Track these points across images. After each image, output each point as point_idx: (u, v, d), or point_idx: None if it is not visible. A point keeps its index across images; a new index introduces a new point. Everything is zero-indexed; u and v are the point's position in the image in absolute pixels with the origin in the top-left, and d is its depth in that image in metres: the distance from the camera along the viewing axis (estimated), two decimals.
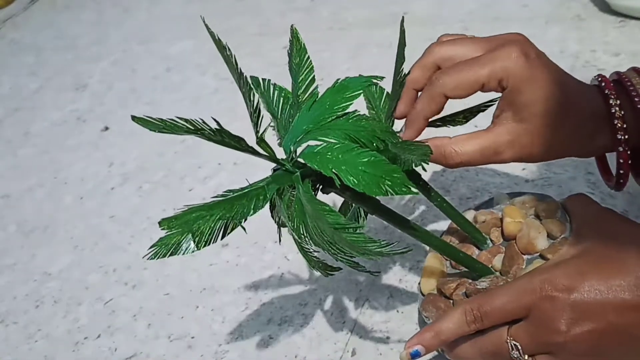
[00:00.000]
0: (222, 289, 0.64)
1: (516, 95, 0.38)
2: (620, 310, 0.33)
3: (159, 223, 0.32)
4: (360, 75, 0.40)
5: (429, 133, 0.42)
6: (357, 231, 0.31)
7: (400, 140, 0.38)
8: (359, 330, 0.55)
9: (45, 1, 1.52)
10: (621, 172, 0.41)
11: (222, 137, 0.32)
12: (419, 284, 0.44)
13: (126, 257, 0.71)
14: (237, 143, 0.33)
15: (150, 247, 0.32)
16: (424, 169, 0.39)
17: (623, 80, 0.41)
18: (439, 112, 0.40)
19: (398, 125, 0.42)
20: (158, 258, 0.32)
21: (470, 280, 0.41)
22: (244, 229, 0.34)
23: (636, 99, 0.39)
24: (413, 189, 0.31)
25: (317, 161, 0.33)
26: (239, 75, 0.35)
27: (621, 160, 0.40)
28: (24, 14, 1.49)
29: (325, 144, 0.33)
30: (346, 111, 0.35)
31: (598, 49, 0.77)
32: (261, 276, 0.63)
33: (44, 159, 0.95)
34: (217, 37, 0.34)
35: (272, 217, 0.37)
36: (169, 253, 0.32)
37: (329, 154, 0.32)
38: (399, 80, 0.41)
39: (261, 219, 0.73)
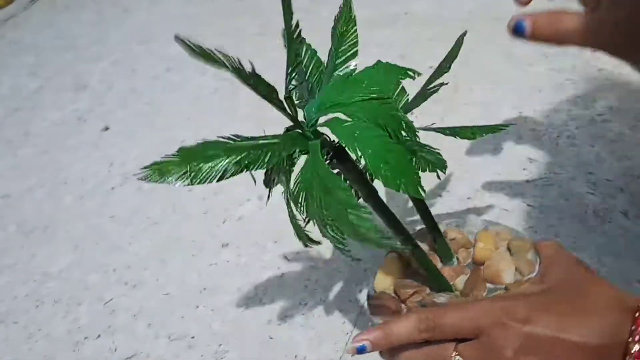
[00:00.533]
0: (222, 289, 0.64)
1: None
2: (568, 349, 0.33)
3: (178, 151, 0.31)
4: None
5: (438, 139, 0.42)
6: (366, 215, 0.31)
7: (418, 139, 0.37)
8: (359, 330, 0.55)
9: (45, 1, 1.52)
10: None
11: (257, 83, 0.32)
12: (374, 280, 0.44)
13: (126, 257, 0.71)
14: (268, 93, 0.32)
15: (144, 168, 0.32)
16: (438, 177, 0.38)
17: None
18: None
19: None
20: (148, 181, 0.31)
21: (428, 291, 0.41)
22: (254, 179, 0.34)
23: None
24: (422, 193, 0.31)
25: (345, 136, 0.32)
26: (292, 27, 0.35)
27: None
28: (24, 14, 1.49)
29: (354, 121, 0.33)
30: (379, 95, 0.34)
31: None
32: (261, 276, 0.63)
33: (44, 159, 0.95)
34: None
35: (266, 175, 0.37)
36: (160, 179, 0.31)
37: (358, 132, 0.32)
38: (432, 89, 0.40)
39: (261, 219, 0.73)
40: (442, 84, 0.41)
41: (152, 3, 1.34)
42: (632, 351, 0.32)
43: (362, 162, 0.31)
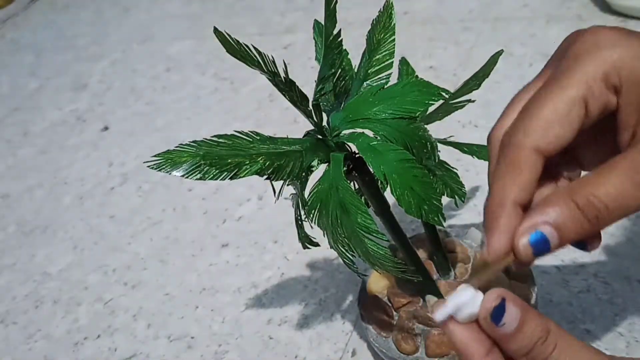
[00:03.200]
0: (222, 289, 0.64)
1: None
2: None
3: (195, 143, 0.30)
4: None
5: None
6: (383, 242, 0.30)
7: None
8: (359, 330, 0.54)
9: (45, 1, 1.52)
10: None
11: (290, 88, 0.31)
12: (367, 282, 0.43)
13: (126, 257, 0.71)
14: (299, 100, 0.32)
15: (155, 156, 0.30)
16: (456, 204, 0.37)
17: None
18: (529, 194, 0.27)
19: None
20: (160, 170, 0.30)
21: (422, 302, 0.41)
22: (273, 187, 0.33)
23: None
24: (442, 222, 0.30)
25: (372, 157, 0.31)
26: (334, 34, 0.34)
27: None
28: (24, 14, 1.49)
29: (381, 140, 0.32)
30: (410, 115, 0.33)
31: None
32: (261, 276, 0.63)
33: (43, 159, 0.95)
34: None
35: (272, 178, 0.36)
36: (171, 169, 0.30)
37: (384, 153, 0.31)
38: (453, 104, 0.39)
39: (261, 219, 0.73)
40: (469, 101, 0.38)
41: (152, 3, 1.34)
42: None
43: (390, 190, 0.31)
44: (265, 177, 0.32)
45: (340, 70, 0.36)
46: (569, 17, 0.83)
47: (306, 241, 0.35)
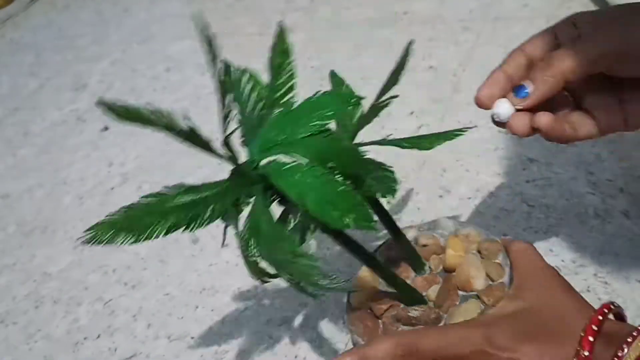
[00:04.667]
0: (222, 289, 0.64)
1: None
2: None
3: (110, 216, 0.31)
4: (346, 86, 0.38)
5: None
6: (312, 263, 0.30)
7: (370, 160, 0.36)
8: None
9: (45, 1, 1.52)
10: None
11: (191, 138, 0.31)
12: (349, 294, 0.43)
13: (126, 257, 0.71)
14: (204, 145, 0.32)
15: (88, 230, 0.32)
16: (388, 202, 0.37)
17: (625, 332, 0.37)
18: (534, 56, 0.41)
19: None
20: (93, 244, 0.31)
21: (402, 305, 0.41)
22: (225, 234, 0.34)
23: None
24: (373, 225, 0.30)
25: (285, 181, 0.31)
26: (216, 66, 0.33)
27: None
28: (24, 14, 1.49)
29: (294, 162, 0.32)
30: (321, 129, 0.33)
31: None
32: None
33: (43, 159, 0.95)
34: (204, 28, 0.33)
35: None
36: (106, 241, 0.32)
37: (298, 175, 0.31)
38: (382, 103, 0.39)
39: None
40: (393, 97, 0.39)
41: (152, 3, 1.34)
42: None
43: (308, 209, 0.30)
44: (183, 229, 0.32)
45: (253, 99, 0.37)
46: None
47: (261, 276, 0.34)
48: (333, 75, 0.43)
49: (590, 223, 0.57)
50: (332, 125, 0.34)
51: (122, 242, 0.32)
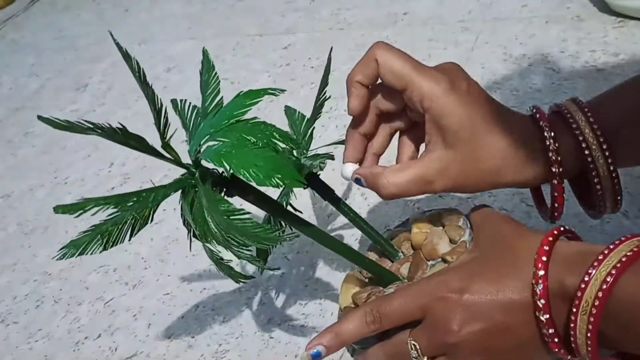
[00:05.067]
0: (222, 288, 0.64)
1: (440, 119, 0.38)
2: (507, 309, 0.34)
3: (54, 209, 0.34)
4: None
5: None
6: (245, 217, 0.33)
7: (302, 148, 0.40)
8: None
9: (46, 1, 1.52)
10: (555, 204, 0.42)
11: (125, 137, 0.35)
12: (339, 299, 0.45)
13: (126, 257, 0.72)
14: (138, 143, 0.35)
15: (61, 249, 0.34)
16: (320, 168, 0.42)
17: (562, 111, 0.41)
18: (369, 81, 0.40)
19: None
20: (67, 258, 0.34)
21: (380, 289, 0.42)
22: (149, 222, 0.36)
23: (576, 131, 0.40)
24: (302, 183, 0.33)
25: (212, 156, 0.34)
26: (142, 83, 0.38)
27: (555, 194, 0.41)
28: (24, 14, 1.49)
29: (222, 142, 0.36)
30: (245, 117, 0.37)
31: (597, 49, 0.77)
32: (261, 276, 0.63)
33: (44, 159, 0.95)
34: (124, 50, 0.37)
35: (184, 225, 0.39)
36: (77, 253, 0.34)
37: (224, 150, 0.34)
38: (319, 104, 0.44)
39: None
40: (326, 98, 0.45)
41: (152, 3, 1.34)
42: (537, 291, 0.33)
43: (232, 172, 0.34)
44: (143, 223, 0.35)
45: (193, 116, 0.43)
46: (568, 18, 0.84)
47: (239, 277, 0.38)
48: (287, 108, 0.49)
49: (590, 223, 0.57)
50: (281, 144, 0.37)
51: (91, 251, 0.35)
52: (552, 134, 0.40)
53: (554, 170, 0.40)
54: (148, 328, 0.62)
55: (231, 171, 0.33)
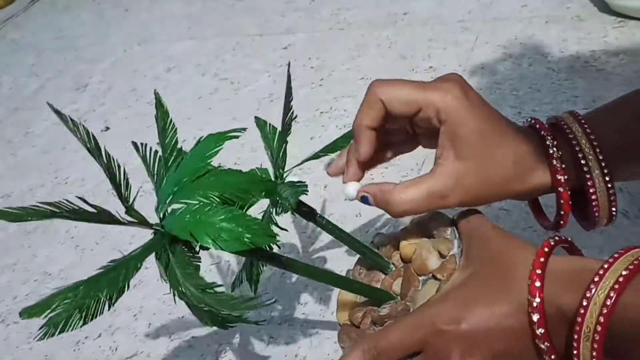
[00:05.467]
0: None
1: (456, 130, 0.38)
2: (505, 336, 0.34)
3: (20, 314, 0.32)
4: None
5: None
6: (218, 291, 0.32)
7: (284, 180, 0.38)
8: None
9: (46, 1, 1.52)
10: (562, 212, 0.41)
11: (82, 215, 0.33)
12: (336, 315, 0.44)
13: None
14: (100, 218, 0.34)
15: (40, 328, 0.32)
16: (295, 205, 0.38)
17: (559, 123, 0.41)
18: (378, 123, 0.39)
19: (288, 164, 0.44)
20: (48, 338, 0.32)
21: (375, 308, 0.41)
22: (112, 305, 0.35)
23: (574, 142, 0.40)
24: (275, 238, 0.31)
25: (178, 228, 0.32)
26: (94, 149, 0.35)
27: (562, 201, 0.40)
28: (24, 14, 1.49)
29: (184, 206, 0.33)
30: (208, 169, 0.35)
31: (597, 49, 0.77)
32: (261, 276, 0.63)
33: (44, 159, 0.95)
34: (64, 116, 0.34)
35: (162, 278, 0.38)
36: (58, 331, 0.32)
37: (187, 216, 0.32)
38: (287, 123, 0.42)
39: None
40: (292, 118, 0.43)
41: (152, 3, 1.34)
42: (534, 319, 0.33)
43: (201, 244, 0.32)
44: (120, 293, 0.34)
45: (157, 168, 0.40)
46: (568, 18, 0.84)
47: (221, 323, 0.36)
48: (257, 119, 0.47)
49: None
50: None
51: (72, 327, 0.32)
52: (555, 142, 0.39)
53: (559, 178, 0.39)
54: (148, 328, 0.62)
55: (199, 243, 0.31)
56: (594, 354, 0.31)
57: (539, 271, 0.34)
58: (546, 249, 0.35)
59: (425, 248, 0.41)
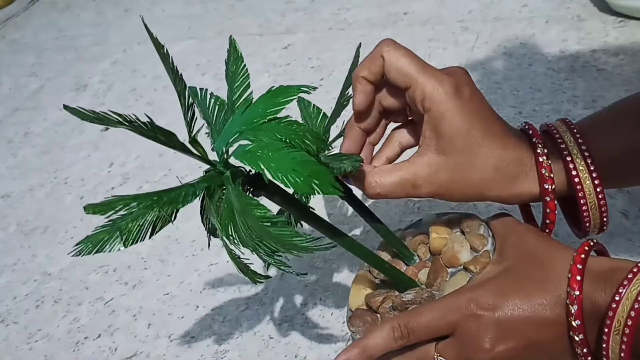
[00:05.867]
0: (222, 288, 0.64)
1: (438, 123, 0.38)
2: (540, 327, 0.34)
3: (84, 208, 0.32)
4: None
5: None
6: (284, 226, 0.32)
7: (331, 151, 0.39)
8: None
9: (46, 1, 1.52)
10: (547, 221, 0.41)
11: (155, 132, 0.33)
12: (348, 300, 0.44)
13: (126, 257, 0.72)
14: (167, 139, 0.33)
15: (76, 244, 0.32)
16: (354, 174, 0.39)
17: (551, 131, 0.41)
18: (375, 77, 0.40)
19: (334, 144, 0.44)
20: (83, 255, 0.32)
21: (397, 293, 0.41)
22: (172, 221, 0.35)
23: (565, 152, 0.40)
24: (339, 189, 0.32)
25: (247, 158, 0.33)
26: (174, 75, 0.36)
27: (548, 210, 0.40)
28: (24, 14, 1.49)
29: (256, 142, 0.34)
30: (278, 115, 0.35)
31: (598, 49, 0.77)
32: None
33: (44, 159, 0.95)
34: (154, 35, 0.36)
35: (203, 222, 0.38)
36: (95, 250, 0.32)
37: (259, 151, 0.33)
38: (343, 101, 0.42)
39: None
40: (347, 97, 0.43)
41: (152, 3, 1.34)
42: (572, 312, 0.33)
43: (270, 177, 0.32)
44: (166, 221, 0.34)
45: (217, 110, 0.40)
46: (569, 18, 0.84)
47: (255, 277, 0.36)
48: (301, 100, 0.48)
49: None
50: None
51: (110, 248, 0.32)
52: (546, 150, 0.39)
53: (546, 187, 0.39)
54: (148, 328, 0.62)
55: (268, 175, 0.32)
56: (623, 347, 0.31)
57: (579, 266, 0.34)
58: (586, 248, 0.35)
59: (458, 241, 0.42)
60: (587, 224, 0.41)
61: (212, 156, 0.36)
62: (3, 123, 1.08)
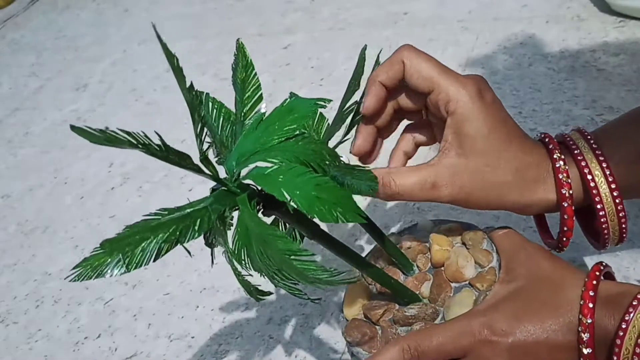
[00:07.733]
0: (222, 288, 0.64)
1: (462, 125, 0.38)
2: (551, 351, 0.35)
3: (101, 245, 0.30)
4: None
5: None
6: (309, 259, 0.30)
7: (342, 163, 0.37)
8: None
9: (46, 1, 1.52)
10: (565, 228, 0.41)
11: (167, 154, 0.31)
12: (342, 309, 0.43)
13: None
14: (181, 160, 0.32)
15: (74, 268, 0.31)
16: (373, 195, 0.37)
17: (567, 141, 0.41)
18: (392, 83, 0.39)
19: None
20: (82, 280, 0.30)
21: (397, 306, 0.40)
22: (188, 251, 0.34)
23: (579, 157, 0.39)
24: (363, 217, 0.30)
25: (269, 184, 0.31)
26: (190, 95, 0.34)
27: (565, 216, 0.40)
28: (24, 14, 1.49)
29: (275, 166, 0.32)
30: (295, 133, 0.34)
31: (598, 49, 0.77)
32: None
33: (44, 159, 0.95)
34: (166, 47, 0.33)
35: (206, 242, 0.36)
36: (94, 275, 0.30)
37: (281, 177, 0.31)
38: (344, 111, 0.41)
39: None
40: (357, 102, 0.42)
41: (152, 3, 1.34)
42: (584, 339, 0.33)
43: (293, 205, 0.30)
44: (173, 244, 0.32)
45: (221, 120, 0.38)
46: (569, 18, 0.84)
47: (257, 294, 0.35)
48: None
49: None
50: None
51: (111, 272, 0.31)
52: (562, 156, 0.39)
53: (564, 192, 0.39)
54: (148, 328, 0.62)
55: (292, 204, 0.30)
56: None
57: (591, 293, 0.34)
58: (597, 273, 0.35)
59: (462, 256, 0.41)
60: (606, 233, 0.40)
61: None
62: (3, 123, 1.08)
